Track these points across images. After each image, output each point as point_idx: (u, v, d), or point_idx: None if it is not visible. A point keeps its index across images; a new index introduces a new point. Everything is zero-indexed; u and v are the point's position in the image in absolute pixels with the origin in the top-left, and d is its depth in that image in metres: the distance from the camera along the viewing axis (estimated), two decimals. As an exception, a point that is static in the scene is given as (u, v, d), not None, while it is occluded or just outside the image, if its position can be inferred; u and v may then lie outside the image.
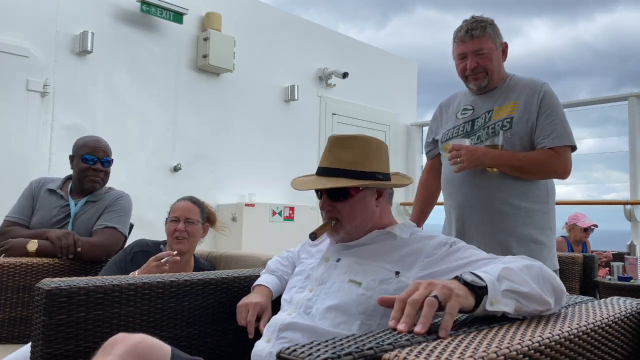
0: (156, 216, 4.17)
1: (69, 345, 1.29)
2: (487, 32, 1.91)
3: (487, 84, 1.95)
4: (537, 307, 0.95)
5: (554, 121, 1.85)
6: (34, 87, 3.84)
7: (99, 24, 4.18)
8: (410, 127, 6.74)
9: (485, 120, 1.94)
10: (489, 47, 1.91)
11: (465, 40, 1.91)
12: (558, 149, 1.84)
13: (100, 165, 2.43)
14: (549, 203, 1.93)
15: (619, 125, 4.91)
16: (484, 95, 1.99)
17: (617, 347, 1.02)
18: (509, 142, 1.86)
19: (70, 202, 2.41)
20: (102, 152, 2.45)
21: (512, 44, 2.10)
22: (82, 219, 2.38)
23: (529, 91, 1.90)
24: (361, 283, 1.28)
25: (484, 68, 1.91)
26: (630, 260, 3.53)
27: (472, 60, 1.91)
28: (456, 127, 2.02)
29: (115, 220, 2.36)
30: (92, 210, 2.40)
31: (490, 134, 1.90)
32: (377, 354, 0.71)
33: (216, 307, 1.60)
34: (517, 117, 1.88)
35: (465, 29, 1.92)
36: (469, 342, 0.76)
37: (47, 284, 1.28)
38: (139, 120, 4.43)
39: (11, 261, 2.04)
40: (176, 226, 2.06)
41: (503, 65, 1.99)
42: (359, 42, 6.43)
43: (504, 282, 0.93)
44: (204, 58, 4.69)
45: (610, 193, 5.54)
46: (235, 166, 5.04)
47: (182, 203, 2.16)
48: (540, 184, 1.91)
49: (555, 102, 1.89)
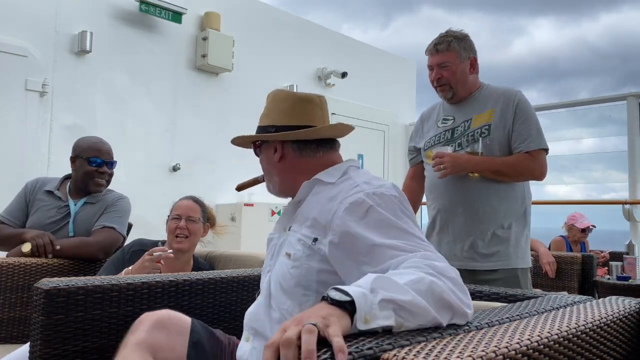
0: (155, 216, 4.18)
1: (67, 345, 1.29)
2: (451, 47, 2.06)
3: (452, 95, 2.09)
4: (423, 323, 0.83)
5: (529, 127, 1.98)
6: (33, 87, 3.83)
7: (97, 23, 4.18)
8: (409, 126, 6.74)
9: (465, 128, 2.07)
10: (452, 61, 2.05)
11: (433, 53, 2.10)
12: (534, 153, 1.97)
13: (106, 168, 2.44)
14: (524, 204, 2.05)
15: (618, 125, 4.92)
16: (461, 105, 2.12)
17: (615, 346, 1.02)
18: (488, 148, 1.99)
19: (70, 203, 2.41)
20: (107, 154, 2.46)
21: (515, 44, 2.15)
22: (80, 219, 2.38)
23: (505, 99, 2.03)
24: (290, 254, 1.21)
25: (446, 80, 2.06)
26: (629, 259, 3.54)
27: (436, 72, 2.09)
28: (437, 135, 2.15)
29: (114, 220, 2.37)
30: (91, 211, 2.40)
31: (470, 141, 2.02)
32: (376, 353, 0.71)
33: (215, 306, 1.60)
34: (494, 124, 2.00)
35: (433, 43, 2.10)
36: (468, 341, 0.76)
37: (45, 284, 1.28)
38: (138, 120, 4.42)
39: (10, 261, 2.04)
40: (177, 224, 2.08)
41: (473, 78, 2.11)
42: (358, 41, 6.44)
43: (379, 293, 0.81)
44: (203, 58, 4.69)
45: (610, 193, 5.55)
46: (234, 166, 5.04)
47: (185, 201, 2.17)
48: (517, 187, 2.04)
49: (529, 108, 2.02)
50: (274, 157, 1.33)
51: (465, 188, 2.02)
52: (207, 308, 1.58)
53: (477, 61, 2.12)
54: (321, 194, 1.24)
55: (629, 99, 4.77)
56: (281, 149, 1.32)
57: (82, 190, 2.43)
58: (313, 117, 1.32)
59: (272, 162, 1.34)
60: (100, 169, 2.41)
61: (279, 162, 1.33)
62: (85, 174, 2.40)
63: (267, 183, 1.40)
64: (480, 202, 1.99)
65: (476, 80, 2.13)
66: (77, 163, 2.43)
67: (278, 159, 1.33)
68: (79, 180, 2.43)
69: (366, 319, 0.78)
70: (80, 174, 2.42)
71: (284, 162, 1.33)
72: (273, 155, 1.33)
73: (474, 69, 2.10)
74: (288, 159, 1.33)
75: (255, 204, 4.76)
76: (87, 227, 2.36)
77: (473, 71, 2.10)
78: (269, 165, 1.36)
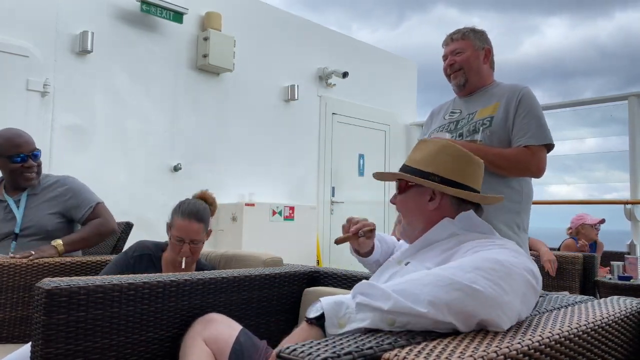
0: (156, 216, 4.19)
1: (69, 345, 1.29)
2: (466, 36, 2.07)
3: (465, 81, 2.06)
4: (410, 319, 0.89)
5: (530, 121, 1.92)
6: (34, 87, 3.84)
7: (99, 23, 4.18)
8: (409, 126, 6.74)
9: (468, 120, 2.03)
10: (466, 48, 2.06)
11: (448, 42, 2.11)
12: (533, 148, 1.90)
13: (31, 161, 2.35)
14: (521, 203, 1.97)
15: (621, 125, 4.91)
16: (470, 99, 2.09)
17: (617, 346, 1.02)
18: (488, 141, 1.93)
19: (8, 200, 2.35)
20: (27, 146, 2.35)
21: (525, 43, 2.15)
22: (32, 212, 2.35)
23: (510, 93, 1.99)
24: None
25: (459, 65, 2.05)
26: (630, 259, 3.53)
27: (449, 59, 2.08)
28: (442, 126, 2.12)
29: (91, 197, 2.43)
30: (39, 201, 2.37)
31: (472, 131, 1.98)
32: (376, 353, 0.71)
33: (216, 306, 1.60)
34: (497, 117, 1.96)
35: (449, 34, 2.12)
36: (469, 341, 0.76)
37: (47, 284, 1.28)
38: (139, 119, 4.43)
39: (11, 261, 2.04)
40: (181, 247, 1.99)
41: (487, 70, 2.09)
42: (359, 41, 6.44)
43: (357, 297, 0.95)
44: (204, 58, 4.69)
45: (612, 193, 5.54)
46: (235, 166, 5.04)
47: (187, 223, 2.01)
48: (513, 182, 1.95)
49: (533, 103, 1.96)
50: (429, 204, 1.35)
51: None
52: (208, 308, 1.58)
53: (492, 54, 2.10)
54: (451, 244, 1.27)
55: (630, 99, 4.76)
56: (439, 199, 1.34)
57: (17, 186, 2.38)
58: (477, 180, 1.38)
59: (423, 207, 1.35)
60: (26, 163, 2.33)
61: (432, 210, 1.35)
62: (12, 172, 2.33)
63: (406, 228, 1.39)
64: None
65: (490, 74, 2.10)
66: (0, 162, 2.34)
67: (433, 207, 1.34)
68: (9, 179, 2.37)
69: (340, 324, 0.91)
70: (7, 173, 2.35)
71: (437, 212, 1.34)
72: (428, 202, 1.35)
73: (488, 59, 2.09)
74: (442, 210, 1.34)
75: (256, 204, 4.76)
76: (40, 218, 2.34)
77: (487, 61, 2.08)
78: (417, 209, 1.36)
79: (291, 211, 4.94)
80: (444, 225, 1.30)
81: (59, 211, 2.39)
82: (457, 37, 2.08)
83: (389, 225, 6.34)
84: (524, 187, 2.00)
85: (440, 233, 1.30)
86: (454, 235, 1.28)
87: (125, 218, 2.84)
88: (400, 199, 1.40)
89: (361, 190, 6.12)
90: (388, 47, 52.55)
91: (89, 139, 4.11)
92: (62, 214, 2.40)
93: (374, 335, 0.79)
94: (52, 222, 2.37)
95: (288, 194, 5.40)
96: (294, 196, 5.43)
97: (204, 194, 2.20)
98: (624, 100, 4.82)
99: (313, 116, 5.75)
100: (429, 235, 1.31)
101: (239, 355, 1.40)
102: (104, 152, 4.19)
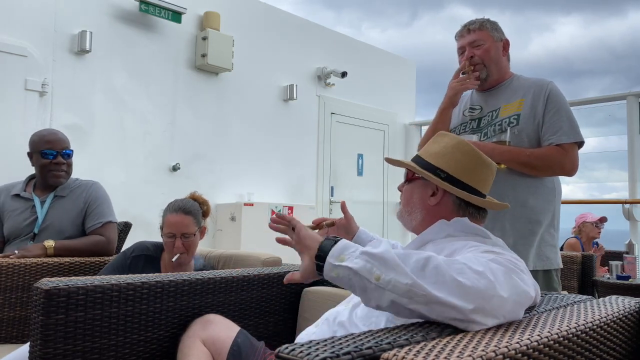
0: (155, 216, 4.14)
1: (67, 345, 1.29)
2: (484, 27, 1.96)
3: (486, 76, 1.97)
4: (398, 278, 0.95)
5: (561, 118, 1.86)
6: (33, 87, 3.83)
7: (97, 23, 4.18)
8: (408, 126, 6.75)
9: (492, 117, 1.95)
10: (486, 39, 1.95)
11: (464, 34, 1.99)
12: (565, 146, 1.84)
13: (61, 159, 2.38)
14: (554, 202, 1.93)
15: (621, 124, 4.91)
16: (490, 94, 2.01)
17: (615, 345, 1.02)
18: (516, 139, 1.87)
19: (35, 200, 2.37)
20: (60, 144, 2.39)
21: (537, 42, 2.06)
22: (54, 214, 2.35)
23: (536, 89, 1.91)
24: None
25: (480, 59, 1.95)
26: (628, 259, 3.53)
27: (468, 51, 1.96)
28: (463, 124, 2.04)
29: (107, 213, 2.42)
30: (64, 205, 2.38)
31: (497, 131, 1.91)
32: (375, 353, 0.71)
33: (214, 306, 1.60)
34: (524, 114, 1.89)
35: (464, 25, 2.00)
36: (468, 341, 0.76)
37: (45, 284, 1.28)
38: (138, 119, 4.42)
39: (9, 261, 2.04)
40: (173, 242, 1.98)
41: (505, 63, 2.01)
42: (358, 41, 6.44)
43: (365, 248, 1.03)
44: (203, 57, 4.68)
45: (612, 192, 5.55)
46: (234, 165, 5.04)
47: (175, 217, 2.00)
48: (547, 182, 1.91)
49: (561, 99, 1.90)
50: (430, 199, 1.33)
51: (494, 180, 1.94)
52: (206, 308, 1.57)
53: (509, 45, 2.01)
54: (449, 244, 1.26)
55: (628, 99, 4.77)
56: (441, 196, 1.32)
57: (46, 186, 2.40)
58: (485, 183, 1.35)
59: (424, 202, 1.34)
60: (55, 160, 2.36)
61: (433, 205, 1.33)
62: (42, 168, 2.36)
63: (403, 214, 1.38)
64: (507, 196, 1.79)
65: (508, 67, 2.02)
66: (33, 159, 2.39)
67: (434, 203, 1.32)
68: (39, 176, 2.40)
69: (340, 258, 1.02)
70: (38, 169, 2.39)
71: (437, 208, 1.32)
72: (429, 196, 1.33)
73: (507, 51, 2.01)
74: (442, 207, 1.32)
75: (255, 204, 4.76)
76: (62, 222, 2.34)
77: (505, 54, 2.00)
78: (419, 201, 1.35)
79: (290, 211, 4.94)
80: (439, 227, 1.30)
81: (77, 216, 2.40)
82: (475, 28, 1.95)
83: (388, 225, 6.34)
84: (555, 183, 1.96)
85: (436, 233, 1.30)
86: (449, 236, 1.28)
87: (124, 218, 2.83)
88: (406, 187, 1.40)
89: (360, 190, 6.13)
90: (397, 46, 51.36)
91: (88, 139, 4.10)
92: (81, 220, 2.42)
93: (373, 335, 0.79)
94: (71, 226, 2.38)
95: (287, 193, 5.40)
96: (292, 196, 5.43)
97: (193, 195, 2.20)
98: (623, 100, 4.83)
99: (312, 116, 5.75)
100: (425, 235, 1.31)
101: (236, 356, 1.40)
102: (103, 151, 4.18)
